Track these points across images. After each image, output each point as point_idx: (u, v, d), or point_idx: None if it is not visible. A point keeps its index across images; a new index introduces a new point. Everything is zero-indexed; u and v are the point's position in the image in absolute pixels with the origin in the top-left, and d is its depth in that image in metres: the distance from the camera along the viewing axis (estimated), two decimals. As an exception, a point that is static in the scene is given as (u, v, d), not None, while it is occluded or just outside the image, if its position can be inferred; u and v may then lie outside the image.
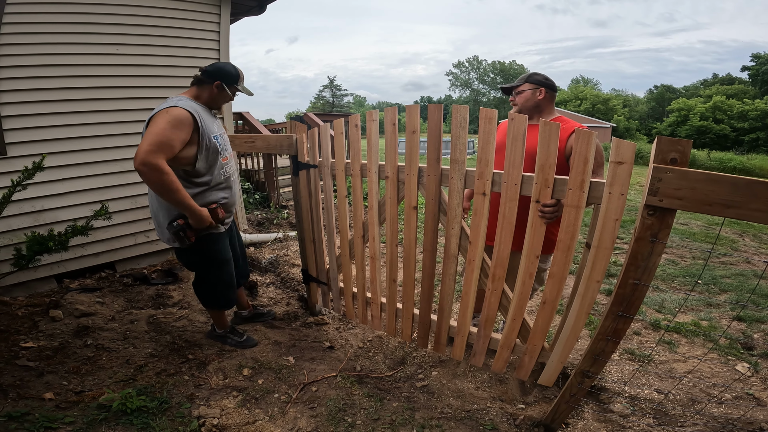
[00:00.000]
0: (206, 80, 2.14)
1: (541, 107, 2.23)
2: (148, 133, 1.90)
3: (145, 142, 1.86)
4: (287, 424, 2.00)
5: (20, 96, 2.94)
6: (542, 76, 2.24)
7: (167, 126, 1.91)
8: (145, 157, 1.83)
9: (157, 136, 1.87)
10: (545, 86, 2.21)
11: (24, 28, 2.91)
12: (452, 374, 2.41)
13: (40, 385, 2.16)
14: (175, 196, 1.95)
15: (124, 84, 3.39)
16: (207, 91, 2.16)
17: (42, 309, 2.88)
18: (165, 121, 1.91)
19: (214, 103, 2.22)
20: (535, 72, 2.29)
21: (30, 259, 2.59)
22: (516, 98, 2.27)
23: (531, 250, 1.85)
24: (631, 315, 1.48)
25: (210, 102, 2.19)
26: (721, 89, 45.24)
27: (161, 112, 1.95)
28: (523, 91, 2.23)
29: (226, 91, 2.18)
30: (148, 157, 1.83)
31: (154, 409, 2.03)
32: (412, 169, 2.13)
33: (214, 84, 2.14)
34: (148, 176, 1.86)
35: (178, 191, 1.95)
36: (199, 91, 2.17)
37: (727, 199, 1.20)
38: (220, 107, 2.32)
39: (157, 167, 1.85)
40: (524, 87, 2.23)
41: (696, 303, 3.49)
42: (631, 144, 1.46)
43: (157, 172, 1.86)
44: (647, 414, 2.09)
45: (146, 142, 1.86)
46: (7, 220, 2.93)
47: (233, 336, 2.64)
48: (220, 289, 2.45)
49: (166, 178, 1.88)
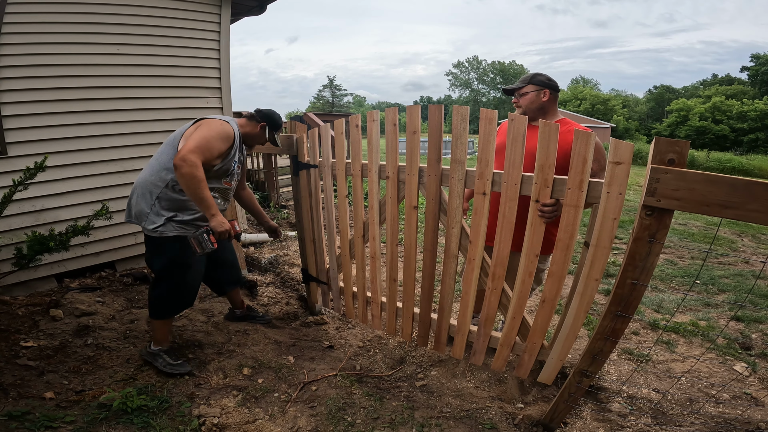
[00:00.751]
0: (256, 117, 2.39)
1: (546, 109, 2.20)
2: (198, 136, 2.07)
3: (193, 142, 2.03)
4: (287, 423, 2.01)
5: (21, 96, 2.95)
6: (545, 77, 2.21)
7: (216, 136, 2.11)
8: (187, 155, 1.97)
9: (206, 140, 2.07)
10: (549, 87, 2.18)
11: (25, 27, 2.91)
12: (451, 374, 2.42)
13: (40, 384, 2.17)
14: (202, 192, 2.03)
15: (124, 84, 3.40)
16: (251, 126, 2.39)
17: (42, 308, 2.88)
18: (216, 131, 2.12)
19: (251, 139, 2.42)
20: (537, 72, 2.24)
21: (31, 258, 2.59)
22: (520, 100, 2.24)
23: (530, 249, 1.86)
24: (629, 315, 1.49)
25: (248, 137, 2.40)
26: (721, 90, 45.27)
27: (215, 122, 2.17)
28: (526, 93, 2.20)
29: (265, 134, 2.42)
30: (190, 155, 1.98)
31: (154, 409, 2.03)
32: (413, 169, 2.14)
33: (260, 124, 2.38)
34: (184, 170, 1.96)
35: (206, 189, 2.05)
36: (247, 124, 2.39)
37: (725, 200, 1.21)
38: (253, 146, 2.50)
39: (194, 164, 1.98)
40: (528, 89, 2.20)
41: (694, 303, 3.51)
42: (629, 144, 1.47)
43: (193, 167, 1.98)
44: (645, 413, 2.10)
45: (194, 142, 2.03)
46: (7, 219, 2.93)
47: (166, 357, 2.36)
48: (176, 292, 2.31)
49: (198, 173, 2.00)
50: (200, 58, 3.81)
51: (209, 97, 3.92)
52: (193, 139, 2.05)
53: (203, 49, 3.84)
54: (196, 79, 3.81)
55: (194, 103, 3.81)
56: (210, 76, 3.90)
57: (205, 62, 3.85)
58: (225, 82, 4.01)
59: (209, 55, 3.88)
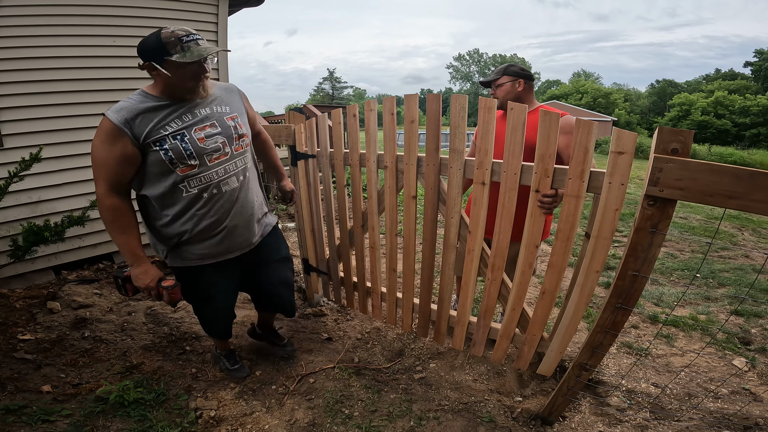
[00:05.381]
0: (141, 65, 1.57)
1: (522, 98, 2.24)
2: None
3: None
4: (284, 416, 2.00)
5: (17, 88, 2.92)
6: (518, 67, 2.27)
7: (97, 144, 1.55)
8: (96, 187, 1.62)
9: (93, 159, 1.58)
10: (523, 77, 2.25)
11: (21, 20, 2.88)
12: (450, 366, 2.41)
13: (38, 377, 2.16)
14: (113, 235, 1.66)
15: (120, 75, 3.36)
16: (154, 78, 1.60)
17: (40, 301, 2.87)
18: (96, 139, 1.56)
19: (170, 89, 1.59)
20: (510, 63, 2.31)
21: (26, 250, 2.58)
22: (496, 92, 2.29)
23: (530, 240, 1.84)
24: (629, 307, 1.47)
25: (168, 90, 1.60)
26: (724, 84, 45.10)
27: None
28: (502, 84, 2.25)
29: (161, 71, 1.52)
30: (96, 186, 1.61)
31: (151, 401, 2.02)
32: (411, 158, 2.11)
33: (145, 66, 1.56)
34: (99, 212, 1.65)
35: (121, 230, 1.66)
36: (152, 84, 1.64)
37: (729, 190, 1.18)
38: (186, 91, 1.62)
39: (98, 197, 1.62)
40: (503, 80, 2.25)
41: (694, 297, 3.49)
42: (632, 134, 1.45)
43: (99, 204, 1.62)
44: (644, 408, 2.09)
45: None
46: (4, 211, 2.91)
47: (225, 361, 2.32)
48: (205, 322, 2.15)
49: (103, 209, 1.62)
50: (198, 48, 3.76)
51: (207, 88, 3.88)
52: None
53: (201, 40, 3.80)
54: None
55: (192, 94, 3.77)
56: (207, 68, 3.86)
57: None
58: (223, 73, 3.97)
59: (207, 45, 3.84)
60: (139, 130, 1.54)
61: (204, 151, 1.65)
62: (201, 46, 1.54)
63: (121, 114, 1.52)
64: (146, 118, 1.55)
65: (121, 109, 1.53)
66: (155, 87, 1.61)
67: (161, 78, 1.55)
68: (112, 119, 1.50)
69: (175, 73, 1.53)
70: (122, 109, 1.53)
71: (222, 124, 1.71)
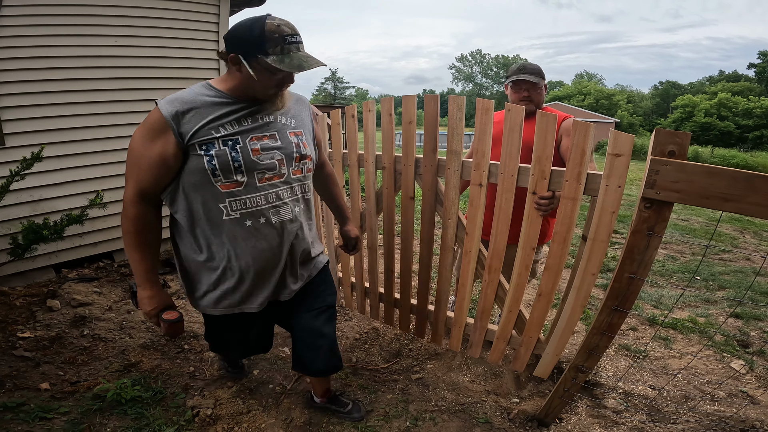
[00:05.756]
0: (225, 55, 1.30)
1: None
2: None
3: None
4: (281, 415, 2.00)
5: (18, 87, 2.93)
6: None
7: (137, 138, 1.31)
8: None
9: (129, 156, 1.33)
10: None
11: (22, 20, 2.89)
12: (447, 367, 2.41)
13: (36, 375, 2.17)
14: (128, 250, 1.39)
15: (122, 75, 3.37)
16: (231, 72, 1.33)
17: (40, 299, 2.88)
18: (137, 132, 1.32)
19: (245, 89, 1.33)
20: (536, 65, 2.21)
21: (26, 248, 2.59)
22: (534, 95, 2.17)
23: (527, 241, 1.84)
24: (626, 309, 1.47)
25: (241, 90, 1.33)
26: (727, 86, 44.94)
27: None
28: (542, 89, 2.18)
29: (248, 70, 1.26)
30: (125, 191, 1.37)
31: (148, 399, 2.03)
32: (409, 159, 2.12)
33: (230, 56, 1.27)
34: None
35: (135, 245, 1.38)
36: (226, 75, 1.36)
37: (725, 193, 1.18)
38: (264, 96, 1.36)
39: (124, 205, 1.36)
40: (542, 83, 2.18)
41: (693, 299, 3.48)
42: (629, 136, 1.45)
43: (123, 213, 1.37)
44: (640, 410, 2.09)
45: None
46: (4, 209, 2.92)
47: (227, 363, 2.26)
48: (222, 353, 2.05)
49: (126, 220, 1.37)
50: (199, 49, 3.77)
51: (208, 87, 3.89)
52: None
53: (202, 41, 3.80)
54: (194, 70, 3.77)
55: (192, 93, 3.78)
56: (209, 68, 3.87)
57: (203, 53, 3.81)
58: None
59: (208, 46, 3.84)
60: (188, 126, 1.26)
61: (256, 166, 1.34)
62: (301, 53, 1.27)
63: (173, 105, 1.26)
64: (200, 114, 1.28)
65: (174, 100, 1.27)
66: (225, 82, 1.34)
67: (241, 76, 1.29)
68: (161, 109, 1.25)
69: (262, 76, 1.26)
70: (175, 100, 1.27)
71: (284, 138, 1.40)
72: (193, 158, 1.29)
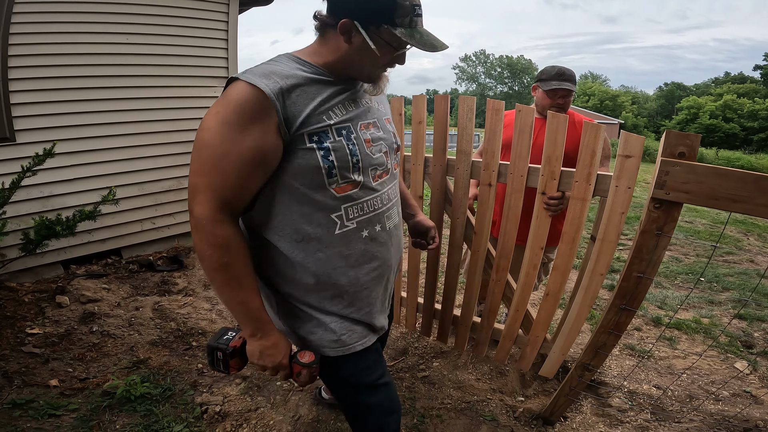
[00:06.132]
0: (328, 20, 1.01)
1: None
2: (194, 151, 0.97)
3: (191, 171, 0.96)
4: (289, 412, 2.02)
5: (30, 84, 2.95)
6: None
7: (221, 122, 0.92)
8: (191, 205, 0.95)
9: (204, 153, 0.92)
10: None
11: (35, 17, 2.91)
12: (453, 365, 2.42)
13: (45, 371, 2.18)
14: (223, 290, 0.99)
15: (132, 73, 3.40)
16: (331, 40, 1.02)
17: (48, 295, 2.91)
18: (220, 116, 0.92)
19: (349, 66, 1.04)
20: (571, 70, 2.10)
21: (38, 243, 2.61)
22: (566, 102, 2.10)
23: (535, 241, 1.86)
24: (633, 308, 1.48)
25: (341, 65, 1.04)
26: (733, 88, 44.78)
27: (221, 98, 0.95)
28: (574, 95, 2.11)
29: (364, 39, 0.97)
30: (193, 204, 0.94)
31: (157, 396, 2.05)
32: (418, 158, 2.13)
33: (341, 23, 0.96)
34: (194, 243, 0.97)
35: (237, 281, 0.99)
36: (320, 45, 1.05)
37: (734, 194, 1.19)
38: (374, 78, 1.09)
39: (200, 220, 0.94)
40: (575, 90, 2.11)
41: (698, 300, 3.49)
42: (640, 138, 1.46)
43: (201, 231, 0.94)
44: (645, 409, 2.10)
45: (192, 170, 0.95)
46: (15, 205, 2.94)
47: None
48: (375, 422, 1.32)
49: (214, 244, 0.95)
50: (208, 47, 3.80)
51: (216, 86, 3.92)
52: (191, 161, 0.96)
53: (212, 39, 3.83)
54: (204, 68, 3.80)
55: (202, 92, 3.81)
56: (218, 66, 3.89)
57: (213, 52, 3.84)
58: (232, 71, 4.00)
59: (217, 45, 3.87)
60: (295, 109, 0.94)
61: (370, 162, 1.07)
62: (425, 29, 1.02)
63: (272, 79, 0.92)
64: (306, 94, 0.96)
65: (270, 73, 0.93)
66: (317, 54, 1.03)
67: (348, 48, 0.98)
68: (258, 84, 0.89)
69: (383, 50, 0.98)
70: (272, 73, 0.93)
71: (383, 127, 1.16)
72: (299, 153, 0.96)
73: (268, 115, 0.91)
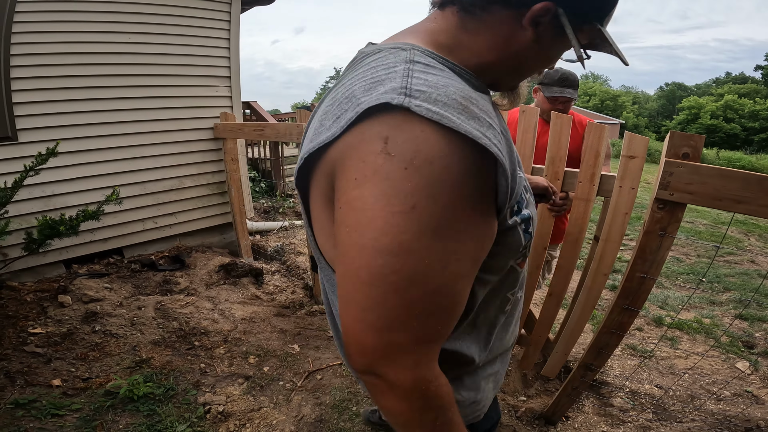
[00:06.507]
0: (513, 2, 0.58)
1: None
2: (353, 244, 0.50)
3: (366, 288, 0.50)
4: (292, 412, 2.03)
5: (32, 83, 2.95)
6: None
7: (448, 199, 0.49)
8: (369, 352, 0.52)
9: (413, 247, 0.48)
10: None
11: (37, 16, 2.91)
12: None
13: (47, 371, 2.18)
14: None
15: (135, 72, 3.40)
16: (493, 31, 0.61)
17: (51, 294, 2.91)
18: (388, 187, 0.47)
19: (503, 69, 0.65)
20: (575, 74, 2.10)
21: (41, 243, 2.61)
22: (567, 107, 2.09)
23: (538, 242, 1.86)
24: (636, 308, 1.49)
25: (492, 66, 0.64)
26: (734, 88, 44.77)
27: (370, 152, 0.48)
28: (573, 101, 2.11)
29: (569, 34, 0.60)
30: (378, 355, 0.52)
31: (160, 396, 2.05)
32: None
33: (533, 14, 0.57)
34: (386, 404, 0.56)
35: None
36: (464, 32, 0.62)
37: (737, 195, 1.20)
38: (514, 87, 0.73)
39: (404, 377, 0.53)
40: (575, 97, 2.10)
41: (699, 301, 3.49)
42: (644, 138, 1.46)
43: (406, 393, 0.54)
44: (647, 409, 2.10)
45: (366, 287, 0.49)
46: (17, 204, 2.94)
47: None
48: None
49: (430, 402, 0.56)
50: (210, 47, 3.80)
51: (219, 86, 3.92)
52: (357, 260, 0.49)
53: (213, 38, 3.83)
54: (206, 68, 3.81)
55: (204, 91, 3.81)
56: (220, 65, 3.90)
57: (215, 51, 3.84)
58: (234, 71, 4.01)
59: (219, 44, 3.87)
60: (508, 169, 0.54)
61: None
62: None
63: (484, 123, 0.51)
64: (506, 141, 0.59)
65: (469, 104, 0.51)
66: (466, 48, 0.62)
67: (529, 46, 0.61)
68: (479, 138, 0.48)
69: (559, 52, 0.67)
70: (471, 104, 0.51)
71: None
72: (502, 235, 0.61)
73: (491, 191, 0.53)
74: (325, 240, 0.63)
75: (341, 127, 0.50)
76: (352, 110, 0.50)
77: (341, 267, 0.51)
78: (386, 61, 0.55)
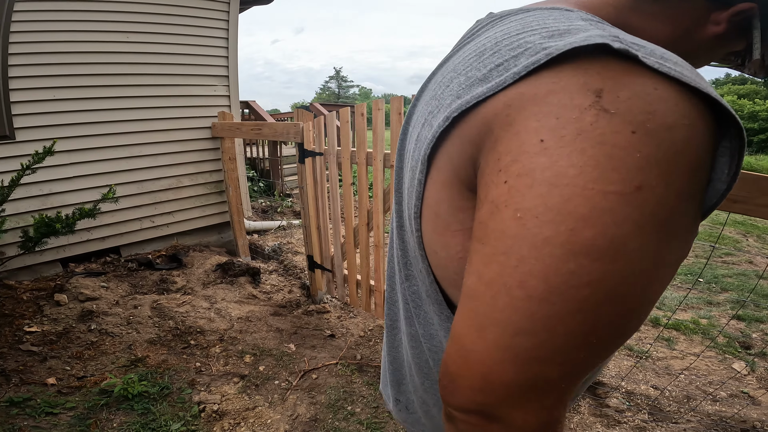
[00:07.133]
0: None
1: None
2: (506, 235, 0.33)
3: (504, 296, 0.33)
4: (287, 411, 2.03)
5: (29, 82, 2.95)
6: None
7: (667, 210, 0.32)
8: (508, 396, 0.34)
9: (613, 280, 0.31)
10: None
11: (35, 15, 2.91)
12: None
13: (43, 370, 2.19)
14: None
15: (133, 71, 3.40)
16: (676, 11, 0.47)
17: (47, 293, 2.91)
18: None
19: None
20: None
21: (37, 241, 2.61)
22: None
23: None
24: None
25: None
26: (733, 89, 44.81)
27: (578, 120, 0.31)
28: None
29: (755, 39, 0.47)
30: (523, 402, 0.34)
31: (155, 395, 2.05)
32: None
33: (735, 11, 0.45)
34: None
35: None
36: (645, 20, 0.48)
37: (733, 194, 1.20)
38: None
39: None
40: None
41: (696, 301, 3.49)
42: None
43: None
44: (642, 409, 2.10)
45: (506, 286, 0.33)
46: (14, 203, 2.94)
47: None
48: None
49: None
50: (209, 46, 3.80)
51: (217, 85, 3.92)
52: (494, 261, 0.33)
53: (212, 38, 3.83)
54: (204, 67, 3.81)
55: (202, 90, 3.81)
56: (218, 65, 3.90)
57: (213, 50, 3.85)
58: (232, 70, 4.00)
59: (217, 43, 3.87)
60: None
61: None
62: None
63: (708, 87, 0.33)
64: None
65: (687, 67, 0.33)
66: (651, 25, 0.49)
67: (705, 41, 0.49)
68: (732, 112, 0.33)
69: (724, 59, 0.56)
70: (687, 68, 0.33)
71: None
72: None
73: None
74: (438, 235, 0.46)
75: (516, 73, 0.34)
76: (530, 55, 0.35)
77: (488, 270, 0.34)
78: (552, 16, 0.41)
